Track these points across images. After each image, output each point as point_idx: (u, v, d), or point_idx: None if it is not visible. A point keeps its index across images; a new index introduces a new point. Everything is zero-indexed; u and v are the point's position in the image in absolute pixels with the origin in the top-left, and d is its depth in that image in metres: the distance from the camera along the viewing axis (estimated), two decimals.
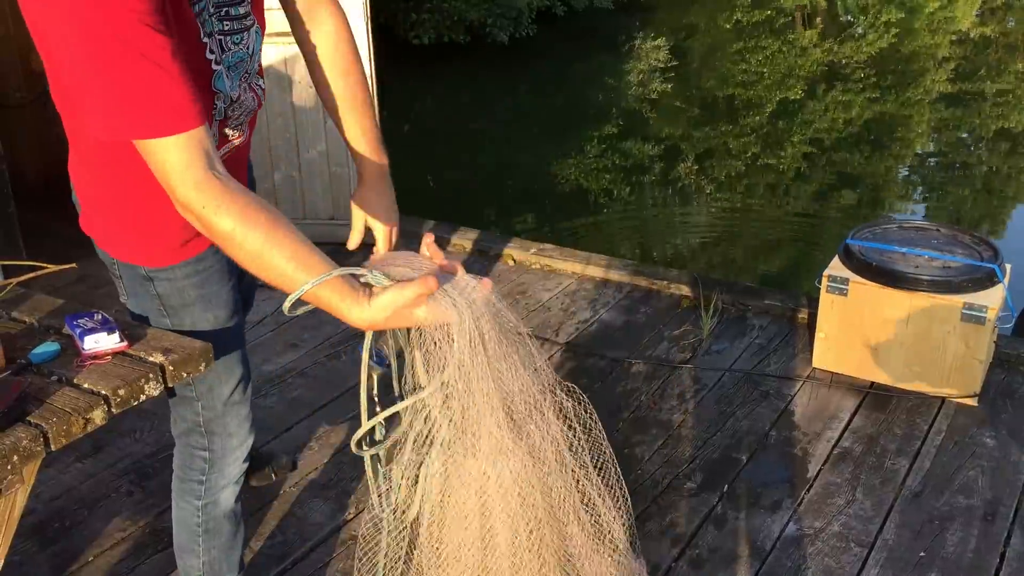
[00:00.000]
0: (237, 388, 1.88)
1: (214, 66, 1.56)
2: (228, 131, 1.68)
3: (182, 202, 1.36)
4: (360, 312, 1.35)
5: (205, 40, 1.53)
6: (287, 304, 1.37)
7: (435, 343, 1.38)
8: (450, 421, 1.41)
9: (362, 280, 1.38)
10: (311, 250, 1.37)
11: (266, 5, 1.71)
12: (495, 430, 1.41)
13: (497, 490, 1.45)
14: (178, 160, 1.34)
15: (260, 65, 1.74)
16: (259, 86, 1.74)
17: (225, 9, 1.56)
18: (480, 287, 1.41)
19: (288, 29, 1.76)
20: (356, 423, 3.03)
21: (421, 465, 1.45)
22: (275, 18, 1.84)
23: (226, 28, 1.58)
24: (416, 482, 1.47)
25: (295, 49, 1.79)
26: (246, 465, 1.99)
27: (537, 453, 1.49)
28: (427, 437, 1.44)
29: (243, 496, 2.22)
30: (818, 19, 14.03)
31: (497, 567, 1.48)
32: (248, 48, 1.64)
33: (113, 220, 1.72)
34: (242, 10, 1.60)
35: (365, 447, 1.51)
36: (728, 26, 13.21)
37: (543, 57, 11.22)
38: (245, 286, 2.15)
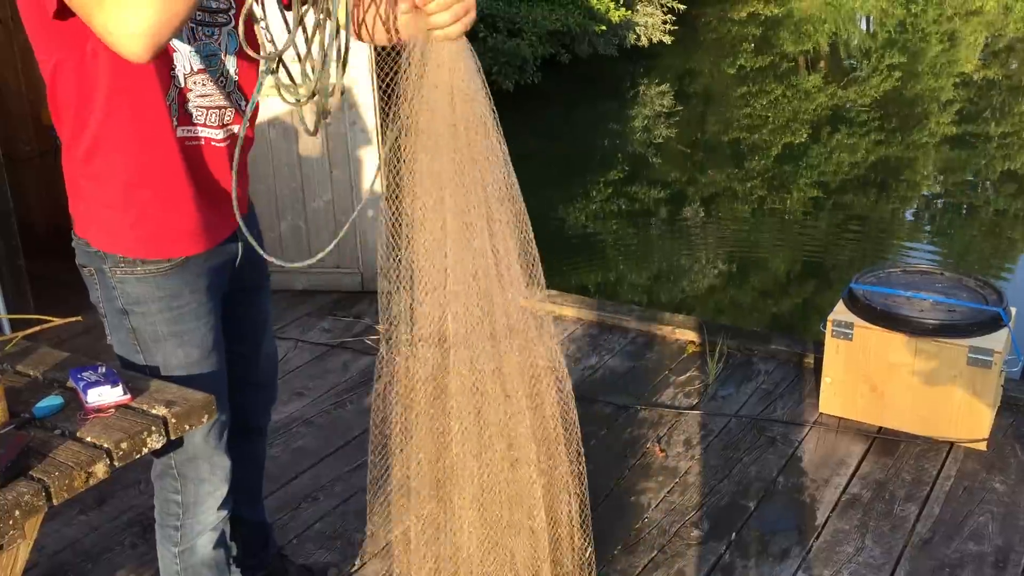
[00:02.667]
0: (211, 433, 1.88)
1: None
2: (192, 109, 1.71)
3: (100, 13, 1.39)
4: None
5: None
6: None
7: None
8: None
9: None
10: None
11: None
12: None
13: None
14: None
15: (240, 87, 1.80)
16: (239, 102, 1.79)
17: None
18: None
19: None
20: (362, 472, 3.03)
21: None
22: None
23: (198, 18, 1.67)
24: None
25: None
26: (224, 513, 1.98)
27: None
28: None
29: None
30: (821, 63, 14.14)
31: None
32: (220, 45, 1.73)
33: (97, 204, 1.75)
34: (216, 5, 1.70)
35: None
36: (732, 71, 13.31)
37: (548, 104, 11.32)
38: (266, 369, 2.16)
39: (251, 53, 1.53)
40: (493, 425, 1.64)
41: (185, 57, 1.68)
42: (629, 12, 12.82)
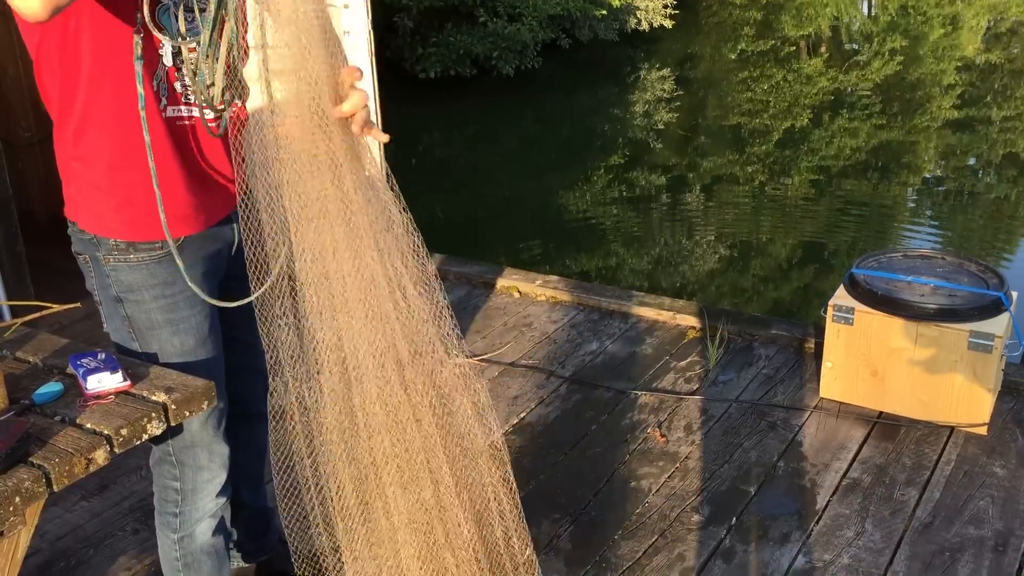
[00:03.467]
0: (209, 420, 1.88)
1: None
2: (180, 89, 1.70)
3: None
4: None
5: None
6: None
7: None
8: None
9: None
10: None
11: None
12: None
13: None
14: None
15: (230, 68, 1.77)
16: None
17: None
18: None
19: None
20: None
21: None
22: None
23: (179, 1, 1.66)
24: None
25: None
26: (223, 500, 1.98)
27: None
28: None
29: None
30: (823, 47, 14.10)
31: None
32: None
33: (86, 186, 1.75)
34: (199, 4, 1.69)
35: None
36: (733, 56, 13.28)
37: (549, 89, 11.30)
38: (265, 355, 2.14)
39: (156, 34, 1.53)
40: (410, 452, 1.64)
41: (172, 37, 1.66)
42: None
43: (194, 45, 1.51)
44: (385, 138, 1.58)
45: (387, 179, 1.77)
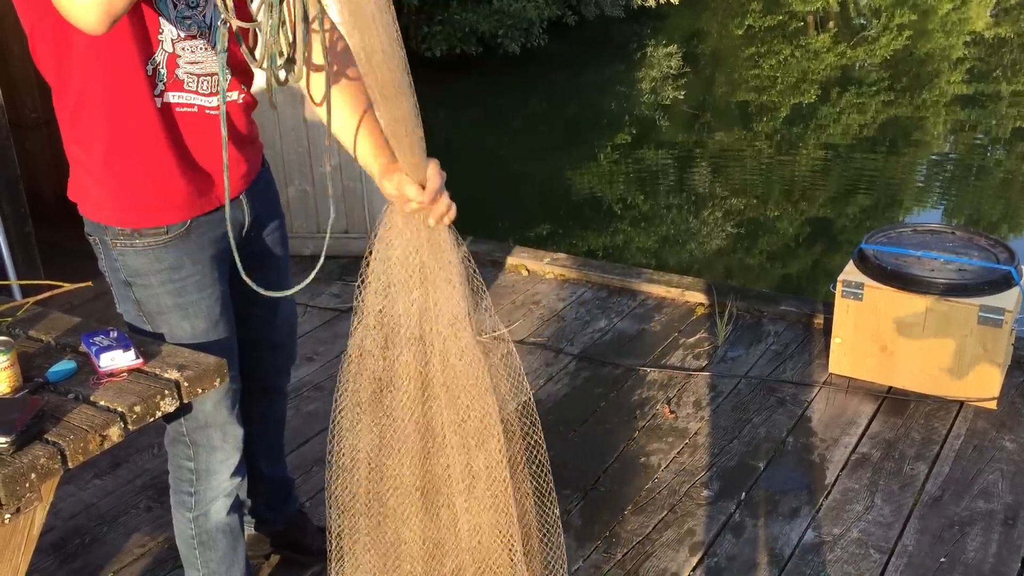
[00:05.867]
0: (222, 401, 1.88)
1: None
2: (183, 76, 1.69)
3: None
4: None
5: None
6: None
7: None
8: None
9: None
10: None
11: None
12: None
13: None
14: None
15: (234, 53, 1.75)
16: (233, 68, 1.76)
17: None
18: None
19: None
20: None
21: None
22: None
23: None
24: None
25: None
26: (239, 480, 1.99)
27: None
28: None
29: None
30: (831, 22, 13.99)
31: None
32: (204, 17, 1.68)
33: (84, 173, 1.75)
34: None
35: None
36: (740, 32, 13.19)
37: (555, 67, 11.24)
38: (282, 329, 2.15)
39: (236, 22, 1.50)
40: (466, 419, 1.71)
41: (171, 22, 1.64)
42: None
43: (247, 26, 1.49)
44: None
45: None
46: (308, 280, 1.71)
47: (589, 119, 9.36)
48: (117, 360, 1.61)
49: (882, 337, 3.13)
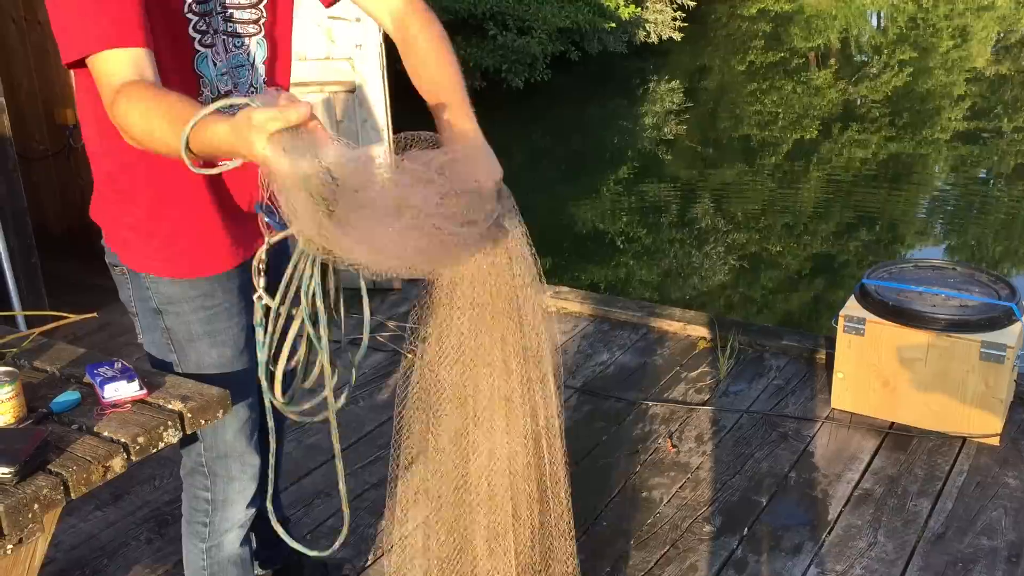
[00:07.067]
0: (242, 431, 1.89)
1: (197, 46, 1.63)
2: None
3: (111, 113, 1.42)
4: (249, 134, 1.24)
5: (190, 16, 1.60)
6: (185, 157, 1.33)
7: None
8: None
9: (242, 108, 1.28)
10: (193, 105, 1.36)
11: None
12: None
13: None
14: (113, 72, 1.42)
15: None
16: None
17: (230, 11, 1.65)
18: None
19: (315, 79, 1.80)
20: (374, 467, 3.04)
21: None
22: (303, 68, 1.88)
23: (229, 29, 1.67)
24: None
25: (322, 97, 1.84)
26: (253, 511, 1.99)
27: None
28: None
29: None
30: (832, 59, 14.10)
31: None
32: (248, 56, 1.71)
33: (124, 227, 1.76)
34: (247, 15, 1.69)
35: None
36: (742, 68, 13.29)
37: (558, 101, 11.32)
38: None
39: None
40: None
41: (213, 81, 1.67)
42: (639, 9, 12.81)
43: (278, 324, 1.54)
44: None
45: None
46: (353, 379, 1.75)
47: (592, 153, 9.42)
48: (121, 391, 1.62)
49: (884, 372, 3.13)
